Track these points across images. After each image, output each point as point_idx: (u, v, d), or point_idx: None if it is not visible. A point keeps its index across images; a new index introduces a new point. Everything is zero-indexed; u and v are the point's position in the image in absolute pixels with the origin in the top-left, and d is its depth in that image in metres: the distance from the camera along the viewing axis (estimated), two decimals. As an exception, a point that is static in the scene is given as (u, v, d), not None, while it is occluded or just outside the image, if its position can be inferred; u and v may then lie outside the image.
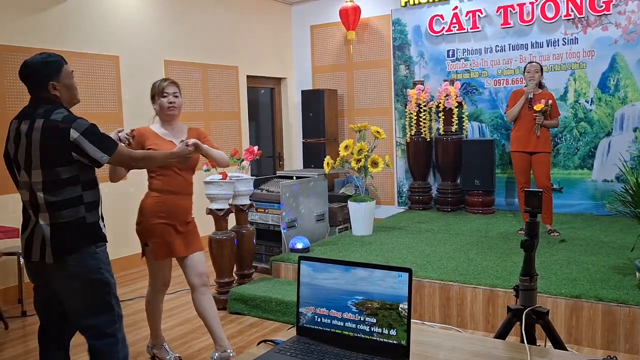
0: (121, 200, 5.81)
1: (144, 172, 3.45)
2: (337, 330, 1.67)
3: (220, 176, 4.48)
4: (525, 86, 5.45)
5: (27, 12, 4.98)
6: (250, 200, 4.82)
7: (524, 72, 5.55)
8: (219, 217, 4.52)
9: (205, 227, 6.08)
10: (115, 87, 5.75)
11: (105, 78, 5.64)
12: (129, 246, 5.89)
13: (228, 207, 4.55)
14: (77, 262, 2.42)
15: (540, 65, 5.50)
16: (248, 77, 7.60)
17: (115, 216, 5.78)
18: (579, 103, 6.51)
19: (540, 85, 5.51)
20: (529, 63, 5.54)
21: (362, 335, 1.63)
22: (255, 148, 4.79)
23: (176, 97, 3.38)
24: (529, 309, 2.03)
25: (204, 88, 6.83)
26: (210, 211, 4.52)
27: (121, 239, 5.74)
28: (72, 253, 2.41)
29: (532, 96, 5.38)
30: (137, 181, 5.96)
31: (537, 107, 5.30)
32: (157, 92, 3.37)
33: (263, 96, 8.46)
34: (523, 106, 5.40)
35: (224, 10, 7.14)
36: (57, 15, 5.21)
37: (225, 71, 7.16)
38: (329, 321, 1.68)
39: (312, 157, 7.75)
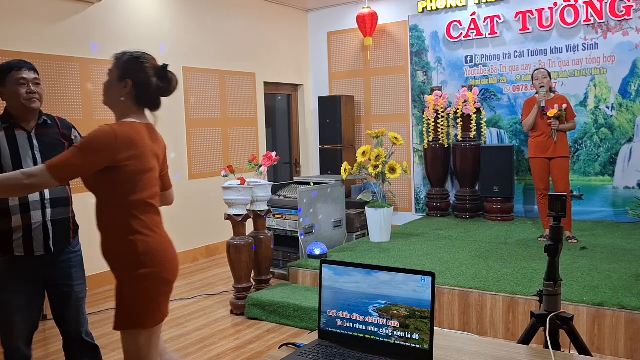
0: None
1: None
2: (359, 334, 1.65)
3: (239, 182, 4.51)
4: (537, 94, 5.41)
5: (50, 20, 5.06)
6: (268, 206, 4.83)
7: (532, 80, 5.51)
8: (237, 223, 4.53)
9: (223, 232, 6.14)
10: (135, 93, 5.80)
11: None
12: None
13: (246, 212, 4.57)
14: None
15: (548, 71, 5.47)
16: (265, 83, 7.63)
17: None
18: (600, 109, 6.43)
19: (551, 89, 5.46)
20: (535, 70, 5.51)
21: (384, 339, 1.61)
22: (273, 154, 4.81)
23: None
24: (553, 314, 2.00)
25: (221, 95, 6.87)
26: (228, 217, 4.54)
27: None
28: None
29: (543, 104, 5.34)
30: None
31: (551, 113, 5.25)
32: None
33: (280, 103, 8.49)
34: (537, 114, 5.36)
35: (242, 18, 7.19)
36: (78, 24, 5.29)
37: (242, 78, 7.20)
38: (350, 325, 1.67)
39: (329, 163, 7.75)
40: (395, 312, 1.60)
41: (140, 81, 2.13)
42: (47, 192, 2.54)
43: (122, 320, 2.03)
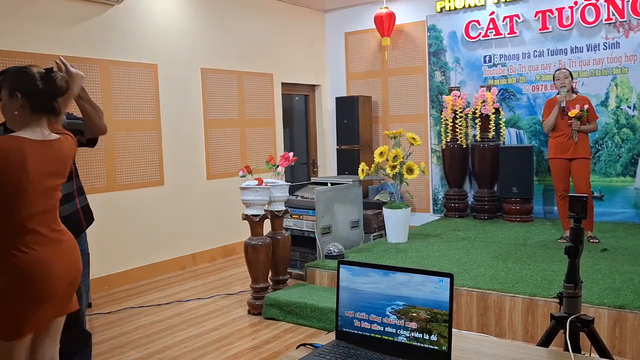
0: (153, 207, 5.91)
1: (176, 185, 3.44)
2: (376, 335, 1.65)
3: (256, 182, 4.52)
4: (558, 94, 5.35)
5: (70, 22, 5.12)
6: (285, 206, 4.84)
7: (553, 80, 5.46)
8: (255, 223, 4.55)
9: (241, 232, 6.16)
10: (154, 95, 5.85)
11: (143, 86, 5.75)
12: (159, 252, 5.99)
13: (263, 212, 4.58)
14: None
15: (569, 71, 5.41)
16: (283, 84, 7.65)
17: (144, 222, 5.88)
18: (621, 109, 6.34)
19: (573, 90, 5.40)
20: (557, 70, 5.46)
21: (402, 340, 1.61)
22: (291, 154, 4.83)
23: None
24: (573, 316, 1.98)
25: (239, 95, 6.90)
26: (246, 217, 4.56)
27: (151, 246, 5.84)
28: None
29: (564, 105, 5.28)
30: (176, 189, 6.07)
31: (572, 113, 5.19)
32: None
33: (297, 103, 8.50)
34: (558, 114, 5.31)
35: (259, 19, 7.21)
36: (98, 26, 5.35)
37: (260, 78, 7.22)
38: (368, 325, 1.66)
39: (346, 163, 7.74)
40: (413, 313, 1.59)
41: (28, 90, 2.13)
42: None
43: None
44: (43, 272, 2.09)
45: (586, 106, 5.26)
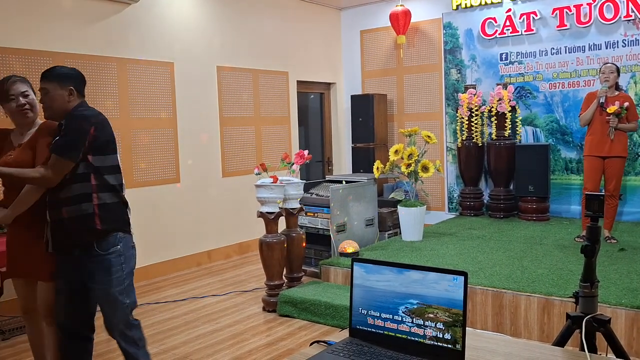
0: (169, 204, 5.95)
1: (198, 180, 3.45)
2: (390, 333, 1.65)
3: (271, 180, 4.54)
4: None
5: (88, 21, 5.18)
6: (300, 204, 4.85)
7: (599, 74, 5.35)
8: (270, 220, 4.56)
9: (256, 230, 6.19)
10: (170, 93, 5.90)
11: (160, 84, 5.80)
12: (175, 249, 6.04)
13: (278, 210, 4.60)
14: None
15: (617, 66, 5.26)
16: (298, 82, 7.66)
17: (160, 220, 5.92)
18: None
19: (617, 87, 5.28)
20: (604, 64, 5.32)
21: (416, 338, 1.61)
22: (306, 152, 4.83)
23: (26, 96, 2.78)
24: (589, 316, 1.96)
25: (254, 94, 6.92)
26: (260, 214, 4.57)
27: (167, 243, 5.88)
28: None
29: (603, 100, 5.15)
30: (192, 186, 6.10)
31: (610, 109, 5.07)
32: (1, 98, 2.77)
33: (313, 101, 8.51)
34: (596, 109, 5.20)
35: (275, 17, 7.23)
36: (116, 24, 5.40)
37: (275, 77, 7.24)
38: (381, 323, 1.66)
39: (361, 161, 7.74)
40: (427, 311, 1.59)
41: None
42: (60, 192, 2.57)
43: None
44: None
45: (626, 104, 5.11)
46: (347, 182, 5.74)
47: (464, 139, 7.06)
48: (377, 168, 5.70)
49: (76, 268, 2.64)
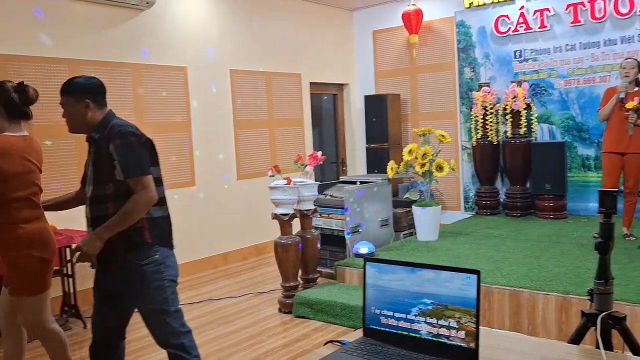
0: (185, 207, 5.99)
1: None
2: (403, 332, 1.65)
3: (285, 182, 4.56)
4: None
5: (102, 27, 5.24)
6: (314, 205, 4.86)
7: (619, 69, 5.29)
8: (284, 222, 4.58)
9: (271, 231, 6.21)
10: (184, 97, 5.95)
11: (174, 89, 5.85)
12: (192, 252, 6.07)
13: (292, 212, 4.61)
14: None
15: (638, 62, 5.18)
16: (311, 83, 7.67)
17: (175, 223, 5.96)
18: (657, 102, 6.17)
19: (637, 82, 5.19)
20: (625, 59, 5.26)
21: (429, 338, 1.61)
22: (319, 153, 4.84)
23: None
24: (604, 313, 1.95)
25: (268, 96, 6.95)
26: (275, 216, 4.60)
27: (183, 246, 5.92)
28: None
29: (623, 95, 5.08)
30: (207, 190, 6.14)
31: (629, 105, 4.99)
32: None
33: (326, 102, 8.52)
34: (615, 105, 5.13)
35: (287, 19, 7.25)
36: (129, 30, 5.46)
37: (288, 79, 7.27)
38: (395, 322, 1.67)
39: (376, 162, 7.73)
40: (440, 310, 1.59)
41: (4, 101, 2.74)
42: (106, 208, 2.48)
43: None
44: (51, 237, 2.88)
45: None
46: (361, 182, 5.74)
47: (478, 137, 7.02)
48: (392, 168, 5.69)
49: (115, 279, 2.54)
